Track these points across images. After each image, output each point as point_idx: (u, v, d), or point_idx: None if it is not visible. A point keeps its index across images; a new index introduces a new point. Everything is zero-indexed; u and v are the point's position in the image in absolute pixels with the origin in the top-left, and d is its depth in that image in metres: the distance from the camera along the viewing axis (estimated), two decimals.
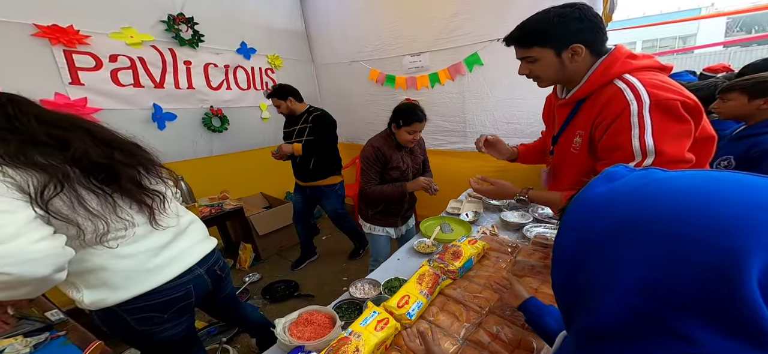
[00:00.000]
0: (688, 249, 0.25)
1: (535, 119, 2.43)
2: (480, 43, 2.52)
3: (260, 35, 3.01)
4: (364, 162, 1.61)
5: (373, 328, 0.79)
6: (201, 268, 1.05)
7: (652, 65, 0.84)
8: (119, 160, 0.88)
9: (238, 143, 2.97)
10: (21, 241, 0.68)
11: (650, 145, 0.75)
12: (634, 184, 0.31)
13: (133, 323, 0.93)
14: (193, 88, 2.60)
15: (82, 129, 0.86)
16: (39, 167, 0.74)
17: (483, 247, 1.15)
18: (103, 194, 0.83)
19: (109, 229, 0.84)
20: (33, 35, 1.85)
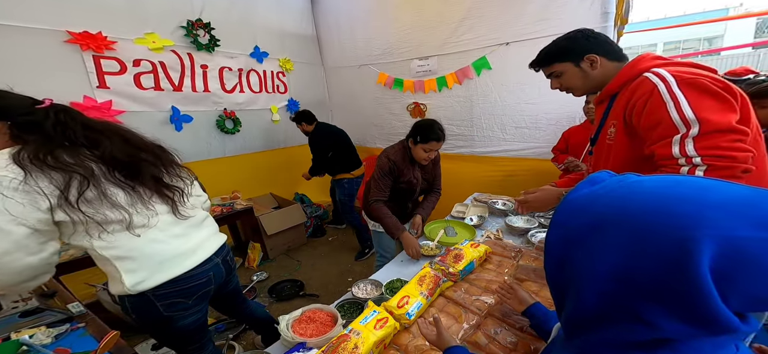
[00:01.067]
0: (650, 241, 0.29)
1: (544, 123, 2.41)
2: (488, 47, 2.52)
3: (272, 39, 3.09)
4: (378, 171, 1.58)
5: (372, 326, 0.81)
6: (218, 258, 1.14)
7: (683, 63, 0.86)
8: (143, 158, 0.98)
9: (250, 145, 3.05)
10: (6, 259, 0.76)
11: (690, 115, 0.75)
12: (611, 186, 0.35)
13: (161, 308, 1.00)
14: (208, 91, 2.69)
15: (115, 133, 0.96)
16: (65, 167, 0.82)
17: (485, 250, 1.15)
18: (128, 187, 0.93)
19: (132, 220, 0.92)
20: (66, 41, 1.96)
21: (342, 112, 3.74)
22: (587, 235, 0.33)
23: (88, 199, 0.84)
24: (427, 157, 1.53)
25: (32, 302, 1.12)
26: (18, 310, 1.06)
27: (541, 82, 2.30)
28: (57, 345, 0.99)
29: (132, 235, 0.94)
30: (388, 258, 1.69)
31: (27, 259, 0.79)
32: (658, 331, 0.29)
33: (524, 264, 1.09)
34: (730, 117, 0.73)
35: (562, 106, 2.30)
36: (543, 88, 2.35)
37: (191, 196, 1.13)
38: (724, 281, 0.26)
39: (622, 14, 2.17)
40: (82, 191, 0.83)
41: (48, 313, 1.10)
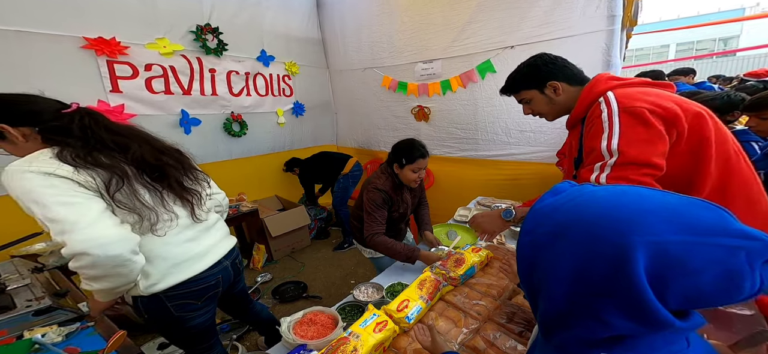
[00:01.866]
0: (599, 245, 0.32)
1: (548, 128, 2.39)
2: (493, 51, 2.52)
3: (279, 43, 3.12)
4: (371, 204, 1.44)
5: (371, 329, 0.81)
6: (227, 261, 1.17)
7: (637, 82, 0.91)
8: (167, 162, 1.03)
9: (256, 147, 3.09)
10: (99, 226, 0.80)
11: (614, 146, 0.82)
12: (570, 196, 0.39)
13: (173, 309, 1.04)
14: (216, 94, 2.73)
15: (140, 137, 1.02)
16: (104, 167, 0.87)
17: (487, 255, 1.15)
18: (154, 190, 0.97)
19: (158, 219, 0.97)
20: (82, 47, 2.02)
21: (346, 114, 3.76)
22: (551, 241, 0.36)
23: (122, 196, 0.89)
24: (416, 179, 1.44)
25: (45, 301, 1.16)
26: (32, 309, 1.10)
27: None
28: (67, 344, 1.03)
29: (153, 237, 0.98)
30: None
31: (114, 229, 0.83)
32: (613, 329, 0.32)
33: None
34: (650, 150, 0.79)
35: None
36: None
37: (208, 198, 1.18)
38: (658, 282, 0.29)
39: (630, 16, 2.15)
40: (118, 188, 0.88)
41: (60, 312, 1.13)
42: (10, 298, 1.17)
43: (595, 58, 2.12)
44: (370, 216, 1.44)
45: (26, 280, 1.29)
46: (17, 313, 1.08)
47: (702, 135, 0.80)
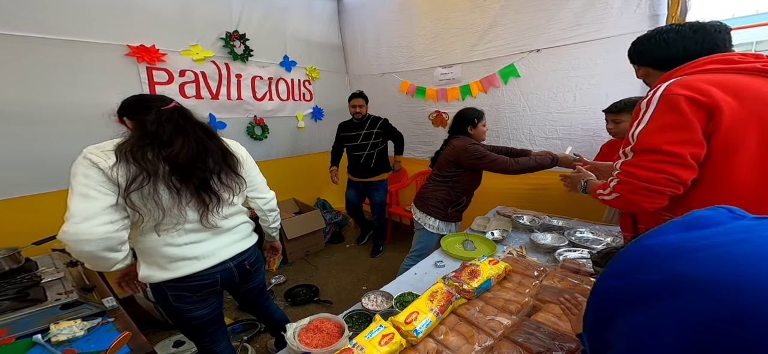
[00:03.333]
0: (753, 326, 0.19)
1: (579, 134, 2.25)
2: (517, 54, 2.43)
3: (301, 48, 3.19)
4: (472, 152, 1.70)
5: (377, 342, 0.77)
6: (232, 263, 1.18)
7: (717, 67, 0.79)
8: (197, 165, 1.04)
9: (276, 151, 3.15)
10: (89, 223, 0.86)
11: (636, 132, 0.80)
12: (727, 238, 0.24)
13: (171, 299, 1.09)
14: (241, 99, 2.82)
15: (192, 135, 1.05)
16: (141, 164, 0.93)
17: (505, 268, 1.07)
18: (175, 190, 1.00)
19: (164, 218, 1.00)
20: (125, 55, 2.16)
21: None
22: (656, 295, 0.24)
23: (137, 197, 0.94)
24: (486, 131, 1.83)
25: (73, 295, 1.20)
26: (60, 302, 1.14)
27: (577, 90, 2.20)
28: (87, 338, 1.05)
29: (156, 235, 1.02)
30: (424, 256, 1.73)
31: (105, 227, 0.89)
32: None
33: (549, 284, 0.99)
34: (663, 138, 0.76)
35: (600, 115, 2.11)
36: (579, 97, 2.20)
37: (232, 204, 1.17)
38: None
39: (676, 16, 1.98)
40: (139, 187, 0.93)
41: (85, 306, 1.17)
42: (43, 290, 1.22)
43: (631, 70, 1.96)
44: (484, 158, 1.69)
45: (60, 273, 1.35)
46: (47, 306, 1.12)
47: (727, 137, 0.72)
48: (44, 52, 1.86)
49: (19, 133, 1.83)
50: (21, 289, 1.24)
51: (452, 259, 1.40)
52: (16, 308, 1.10)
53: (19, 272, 1.39)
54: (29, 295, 1.19)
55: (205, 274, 1.11)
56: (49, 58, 1.88)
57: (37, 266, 1.47)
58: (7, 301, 1.15)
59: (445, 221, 1.84)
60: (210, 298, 1.17)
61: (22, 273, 1.38)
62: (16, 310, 1.09)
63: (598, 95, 2.12)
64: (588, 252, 1.27)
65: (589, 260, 1.17)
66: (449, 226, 1.87)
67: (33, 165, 1.88)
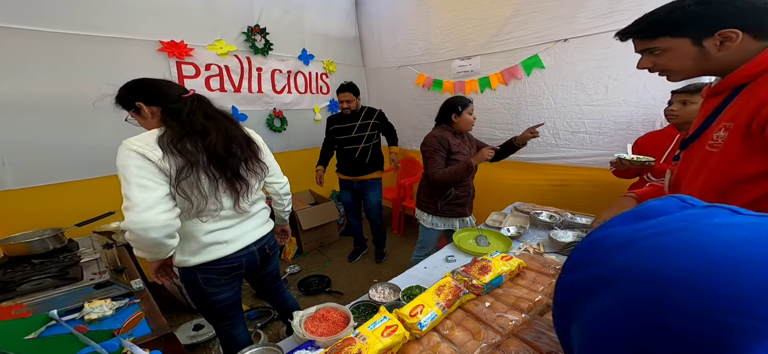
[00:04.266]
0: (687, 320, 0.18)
1: (611, 128, 2.10)
2: (542, 45, 2.30)
3: (318, 42, 3.23)
4: (428, 150, 1.71)
5: (380, 333, 0.76)
6: (255, 247, 1.24)
7: None
8: (232, 152, 1.11)
9: (293, 142, 3.22)
10: (152, 212, 0.92)
11: None
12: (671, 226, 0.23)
13: (201, 282, 1.16)
14: (261, 91, 2.91)
15: (222, 124, 1.11)
16: (185, 154, 0.99)
17: (518, 264, 1.02)
18: (214, 179, 1.06)
19: (206, 207, 1.06)
20: (158, 50, 2.29)
21: None
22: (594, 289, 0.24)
23: (185, 185, 1.00)
24: (473, 119, 1.72)
25: (105, 275, 1.28)
26: (94, 282, 1.22)
27: (609, 81, 2.06)
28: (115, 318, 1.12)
29: (198, 221, 1.08)
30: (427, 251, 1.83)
31: (165, 214, 0.95)
32: None
33: None
34: None
35: (637, 107, 1.97)
36: (611, 88, 2.05)
37: (262, 186, 1.27)
38: None
39: None
40: (186, 176, 0.99)
41: (115, 286, 1.24)
42: (81, 270, 1.32)
43: None
44: (431, 161, 1.69)
45: (97, 254, 1.46)
46: (82, 285, 1.21)
47: None
48: (92, 48, 2.03)
49: (66, 124, 2.00)
50: (62, 267, 1.34)
51: (464, 254, 1.36)
52: (56, 285, 1.20)
53: (62, 252, 1.51)
54: (69, 273, 1.29)
55: (232, 257, 1.17)
56: (97, 54, 2.05)
57: (78, 247, 1.59)
58: (49, 279, 1.25)
59: (439, 217, 1.82)
60: (234, 281, 1.25)
61: (65, 252, 1.50)
62: (57, 288, 1.18)
63: (635, 86, 1.95)
64: None
65: None
66: (448, 221, 1.84)
67: (76, 153, 2.04)
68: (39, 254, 1.45)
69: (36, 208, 1.91)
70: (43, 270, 1.33)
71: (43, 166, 1.96)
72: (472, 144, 1.87)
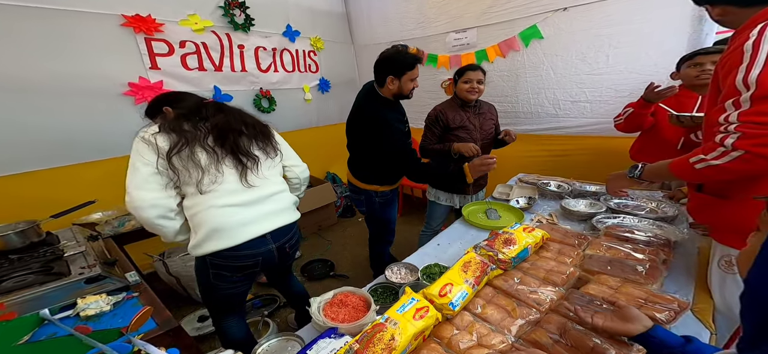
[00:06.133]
0: None
1: (610, 95, 2.08)
2: (540, 14, 2.23)
3: (304, 17, 3.03)
4: (426, 123, 1.74)
5: (411, 316, 0.71)
6: (274, 244, 1.13)
7: None
8: (234, 128, 1.09)
9: (284, 123, 3.06)
10: (140, 191, 0.95)
11: (753, 78, 0.64)
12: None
13: (212, 276, 1.10)
14: (245, 70, 2.72)
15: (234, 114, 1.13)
16: (180, 132, 0.99)
17: (543, 236, 0.99)
18: (213, 152, 1.03)
19: (203, 176, 1.02)
20: (121, 25, 2.06)
21: None
22: None
23: (178, 160, 0.98)
24: (471, 88, 1.61)
25: (96, 269, 1.17)
26: (84, 276, 1.11)
27: (611, 50, 2.02)
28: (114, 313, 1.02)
29: (199, 196, 1.03)
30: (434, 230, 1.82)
31: (152, 193, 0.96)
32: None
33: (594, 253, 0.92)
34: None
35: (639, 74, 1.95)
36: (613, 57, 2.02)
37: (272, 168, 1.19)
38: None
39: None
40: (179, 151, 0.98)
41: (108, 280, 1.14)
42: (67, 264, 1.20)
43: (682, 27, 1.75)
44: (424, 134, 1.70)
45: (82, 247, 1.34)
46: (72, 280, 1.10)
47: None
48: (35, 22, 1.77)
49: (14, 107, 1.75)
50: (45, 262, 1.22)
51: (477, 229, 1.33)
52: (42, 282, 1.08)
53: (42, 245, 1.38)
54: (53, 268, 1.18)
55: (247, 253, 1.08)
56: (41, 28, 1.79)
57: (59, 240, 1.45)
58: (32, 275, 1.14)
59: (443, 191, 1.82)
60: (246, 279, 1.17)
61: (45, 246, 1.37)
62: (43, 284, 1.07)
63: (637, 54, 1.93)
64: (632, 218, 1.18)
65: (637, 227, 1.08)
66: (449, 197, 1.82)
67: (35, 139, 1.83)
68: (16, 249, 1.32)
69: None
70: (23, 266, 1.20)
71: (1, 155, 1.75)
72: (485, 117, 1.74)
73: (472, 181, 1.46)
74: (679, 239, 0.99)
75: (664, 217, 1.17)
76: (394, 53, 1.45)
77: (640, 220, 1.15)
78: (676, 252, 0.95)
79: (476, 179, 1.68)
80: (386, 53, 1.47)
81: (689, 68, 1.44)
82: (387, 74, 1.44)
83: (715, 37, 1.73)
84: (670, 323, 0.66)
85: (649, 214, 1.20)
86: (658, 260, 0.86)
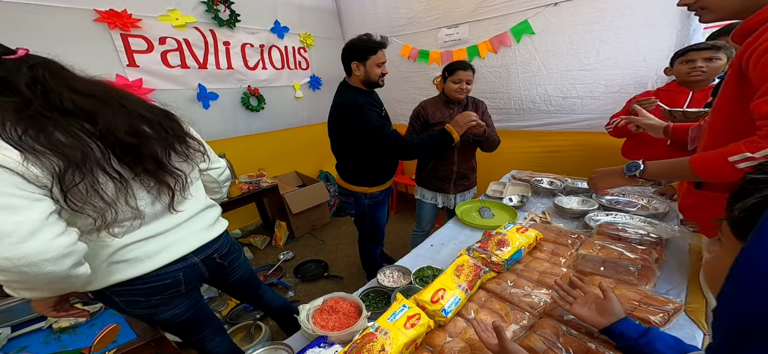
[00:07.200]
0: None
1: (601, 91, 2.09)
2: (531, 10, 2.21)
3: (293, 13, 2.96)
4: (410, 117, 1.75)
5: (402, 324, 0.69)
6: (197, 257, 0.94)
7: None
8: (145, 133, 0.80)
9: (274, 122, 3.01)
10: (38, 239, 0.61)
11: None
12: None
13: (122, 304, 0.86)
14: (232, 68, 2.65)
15: (115, 100, 0.77)
16: (60, 151, 0.66)
17: (536, 236, 0.97)
18: (121, 180, 0.75)
19: (117, 217, 0.76)
20: (95, 20, 1.97)
21: None
22: None
23: (76, 195, 0.67)
24: (459, 88, 1.58)
25: None
26: None
27: (600, 44, 2.01)
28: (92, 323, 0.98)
29: (106, 235, 0.77)
30: (424, 231, 1.80)
31: (59, 240, 0.64)
32: None
33: (587, 253, 0.91)
34: None
35: (629, 70, 1.96)
36: (603, 51, 2.02)
37: (195, 182, 0.96)
38: None
39: None
40: (76, 183, 0.67)
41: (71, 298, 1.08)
42: None
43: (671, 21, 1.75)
44: (406, 130, 1.69)
45: None
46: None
47: None
48: (6, 16, 1.69)
49: None
50: None
51: (470, 228, 1.31)
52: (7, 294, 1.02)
53: None
54: None
55: (160, 273, 0.86)
56: (6, 23, 1.70)
57: None
58: None
59: (427, 189, 1.81)
60: (176, 299, 0.93)
61: None
62: (7, 297, 1.01)
63: (626, 49, 1.94)
64: (624, 215, 1.17)
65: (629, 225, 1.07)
66: (432, 195, 1.80)
67: None
68: None
69: None
70: None
71: None
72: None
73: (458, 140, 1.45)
74: (671, 237, 0.99)
75: (656, 213, 1.17)
76: (356, 40, 1.46)
77: (631, 217, 1.15)
78: (667, 250, 0.94)
79: (459, 179, 1.73)
80: (350, 41, 1.47)
81: (681, 65, 1.44)
82: (351, 61, 1.45)
83: (703, 32, 1.73)
84: (664, 325, 0.65)
85: (641, 211, 1.20)
86: (651, 259, 0.85)
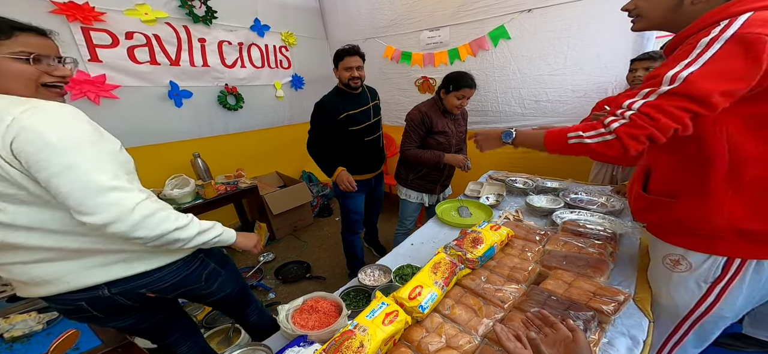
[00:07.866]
0: None
1: (569, 96, 2.23)
2: (507, 15, 2.30)
3: (274, 12, 2.91)
4: (409, 124, 1.69)
5: (380, 321, 0.71)
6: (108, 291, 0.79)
7: None
8: None
9: (254, 122, 2.95)
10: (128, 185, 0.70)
11: (684, 74, 0.62)
12: None
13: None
14: (208, 65, 2.56)
15: None
16: None
17: (507, 233, 1.03)
18: None
19: None
20: (51, 12, 1.84)
21: None
22: None
23: None
24: (460, 105, 1.60)
25: None
26: (6, 295, 1.00)
27: (568, 51, 2.13)
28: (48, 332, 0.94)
29: None
30: (407, 229, 1.85)
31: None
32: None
33: (552, 249, 0.97)
34: (720, 87, 0.60)
35: (592, 76, 2.10)
36: (570, 58, 2.15)
37: None
38: None
39: None
40: None
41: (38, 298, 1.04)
42: None
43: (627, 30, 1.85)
44: (407, 136, 1.69)
45: None
46: None
47: None
48: None
49: None
50: None
51: (449, 227, 1.36)
52: None
53: None
54: None
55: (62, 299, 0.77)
56: None
57: None
58: None
59: (413, 190, 1.84)
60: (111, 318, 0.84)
61: None
62: None
63: (589, 56, 2.08)
64: (586, 212, 1.27)
65: (589, 221, 1.16)
66: (419, 196, 1.86)
67: None
68: None
69: None
70: None
71: None
72: (460, 123, 1.77)
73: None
74: (624, 232, 1.08)
75: (613, 210, 1.27)
76: (340, 47, 1.68)
77: (591, 214, 1.24)
78: (621, 244, 1.03)
79: (442, 179, 1.82)
80: None
81: (629, 73, 1.64)
82: (335, 65, 1.71)
83: (655, 41, 1.89)
84: (615, 314, 0.72)
85: (600, 209, 1.30)
86: (606, 253, 0.93)
